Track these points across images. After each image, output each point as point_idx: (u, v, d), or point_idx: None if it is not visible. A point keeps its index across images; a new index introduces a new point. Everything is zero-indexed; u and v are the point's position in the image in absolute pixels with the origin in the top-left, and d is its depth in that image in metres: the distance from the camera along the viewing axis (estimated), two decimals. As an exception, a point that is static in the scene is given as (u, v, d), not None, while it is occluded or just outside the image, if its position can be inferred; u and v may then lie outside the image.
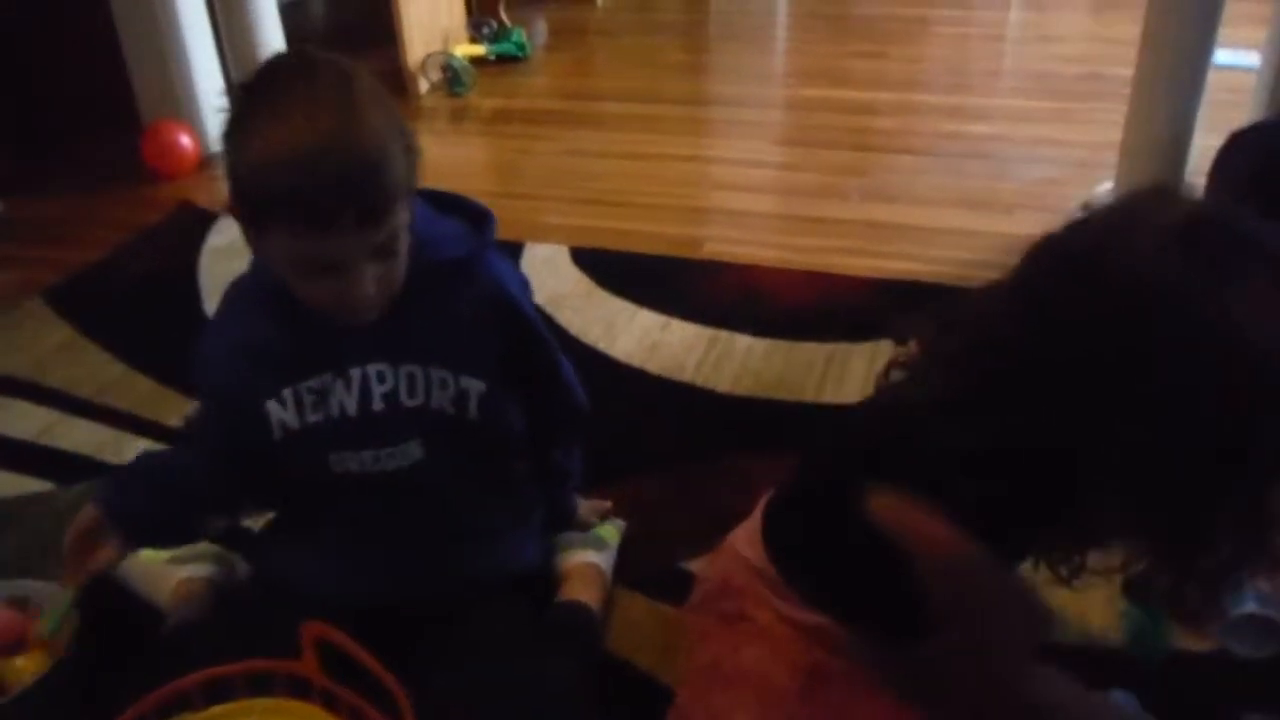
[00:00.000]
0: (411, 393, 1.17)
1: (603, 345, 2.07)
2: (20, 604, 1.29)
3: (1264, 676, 1.30)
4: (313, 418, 1.18)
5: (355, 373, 1.16)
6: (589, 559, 1.44)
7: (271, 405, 1.17)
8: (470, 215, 1.22)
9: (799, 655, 1.04)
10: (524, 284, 1.28)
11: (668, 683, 1.28)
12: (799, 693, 1.02)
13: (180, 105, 3.05)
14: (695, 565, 1.40)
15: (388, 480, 1.20)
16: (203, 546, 1.47)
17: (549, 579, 1.41)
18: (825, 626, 1.03)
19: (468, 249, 1.18)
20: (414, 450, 1.20)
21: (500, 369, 1.21)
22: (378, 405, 1.17)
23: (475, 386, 1.19)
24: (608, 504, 1.55)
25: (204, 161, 3.06)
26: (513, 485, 1.35)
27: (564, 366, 1.34)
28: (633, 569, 1.48)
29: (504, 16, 4.08)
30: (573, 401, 1.37)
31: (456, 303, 1.17)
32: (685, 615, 1.21)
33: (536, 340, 1.27)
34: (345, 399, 1.17)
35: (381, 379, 1.17)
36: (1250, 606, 1.31)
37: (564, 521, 1.47)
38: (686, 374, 1.96)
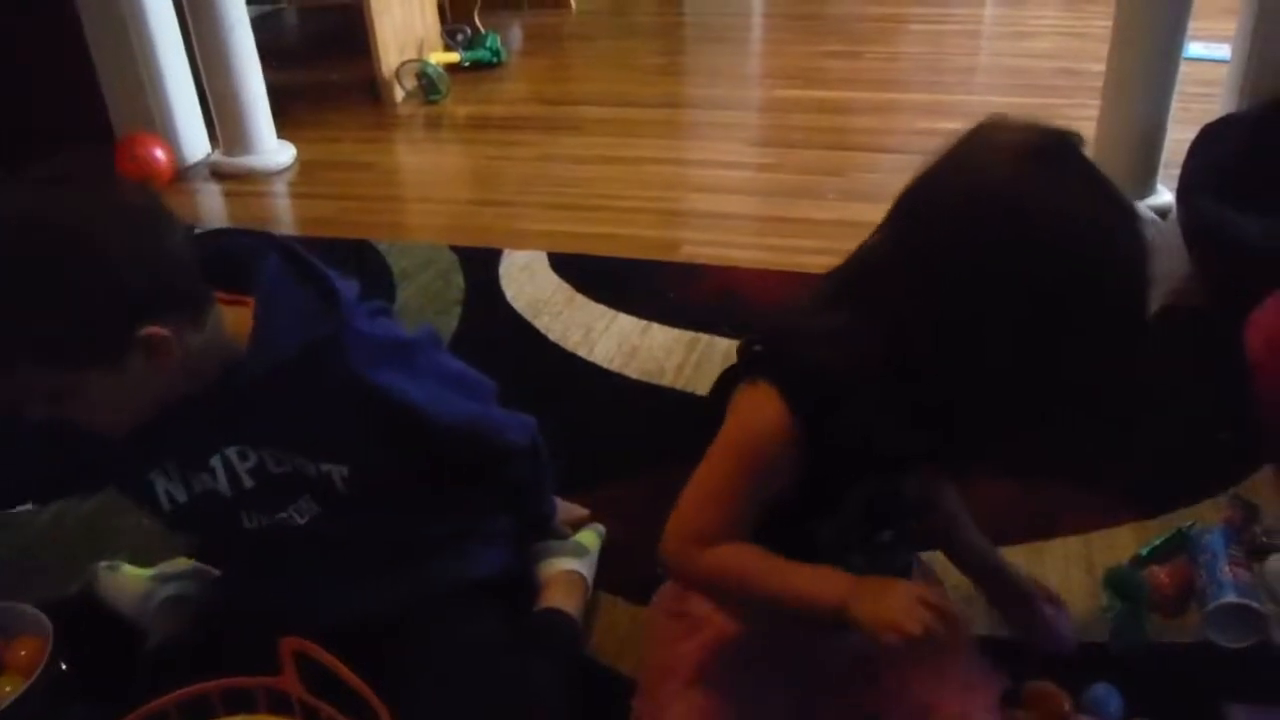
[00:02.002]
0: (278, 463, 1.15)
1: (582, 350, 2.07)
2: (-4, 626, 1.28)
3: (1245, 667, 1.30)
4: (200, 488, 1.16)
5: (215, 460, 1.14)
6: (569, 566, 1.43)
7: (155, 475, 1.16)
8: (322, 291, 1.12)
9: (730, 643, 1.10)
10: (399, 350, 1.17)
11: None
12: (728, 679, 1.08)
13: (153, 118, 3.04)
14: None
15: (300, 530, 1.19)
16: (184, 563, 1.46)
17: (529, 587, 1.41)
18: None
19: (309, 335, 1.09)
20: (309, 505, 1.18)
21: (369, 450, 1.15)
22: (248, 483, 1.15)
23: (337, 470, 1.15)
24: (584, 512, 1.55)
25: (178, 174, 3.06)
26: (455, 504, 1.30)
27: (465, 421, 1.23)
28: (614, 574, 1.48)
29: (478, 23, 4.07)
30: (492, 446, 1.28)
31: (307, 393, 1.10)
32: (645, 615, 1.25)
33: (411, 415, 1.15)
34: (214, 484, 1.15)
35: (244, 457, 1.14)
36: (1231, 596, 1.32)
37: (539, 528, 1.46)
38: (666, 378, 1.96)
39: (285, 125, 3.23)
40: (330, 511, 1.18)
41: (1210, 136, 2.26)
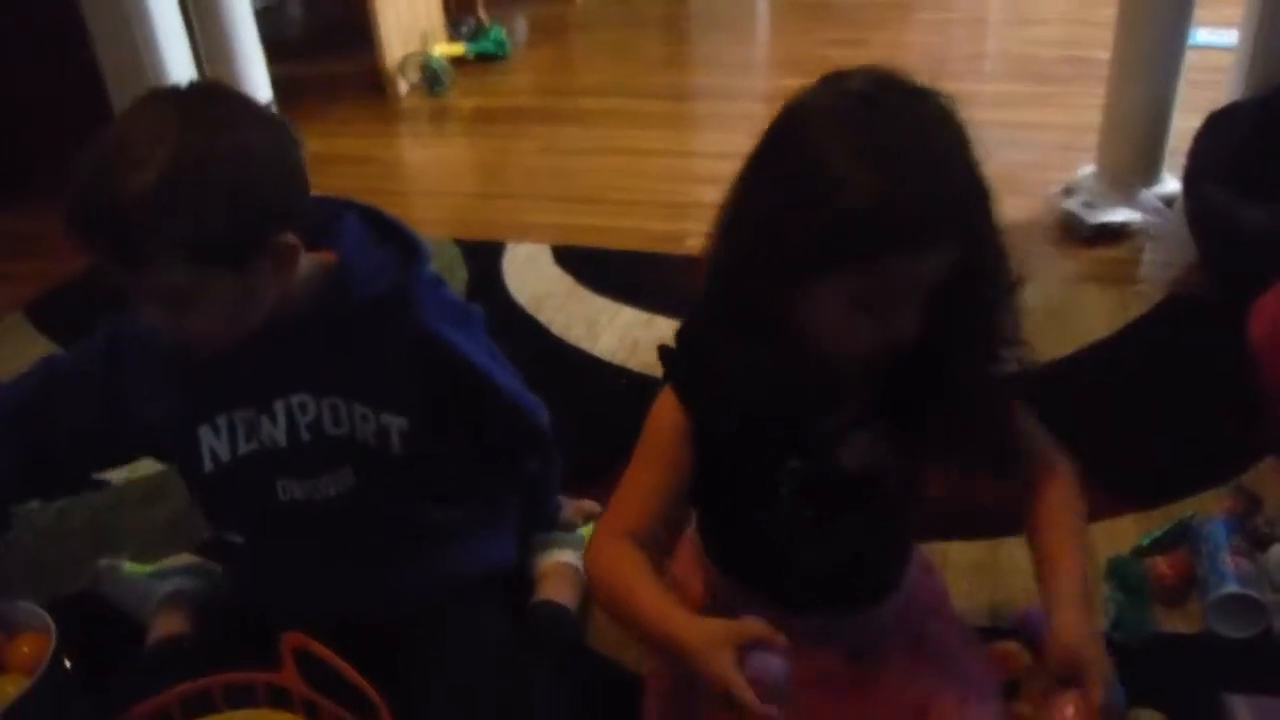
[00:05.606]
0: (336, 422, 1.16)
1: (585, 344, 2.07)
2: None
3: (1247, 657, 1.30)
4: (245, 448, 1.17)
5: (279, 405, 1.15)
6: (564, 559, 1.43)
7: (204, 431, 1.17)
8: (403, 246, 1.19)
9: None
10: (463, 315, 1.24)
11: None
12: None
13: (158, 113, 3.03)
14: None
15: (331, 505, 1.20)
16: (186, 560, 1.47)
17: (525, 579, 1.41)
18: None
19: (392, 286, 1.15)
20: (347, 477, 1.19)
21: (429, 405, 1.18)
22: (305, 436, 1.17)
23: (397, 423, 1.17)
24: (595, 506, 1.54)
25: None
26: (474, 490, 1.33)
27: (513, 393, 1.29)
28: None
29: (483, 14, 4.06)
30: (528, 425, 1.33)
31: (380, 340, 1.15)
32: None
33: (473, 376, 1.22)
34: (273, 431, 1.16)
35: (304, 409, 1.16)
36: (1233, 587, 1.32)
37: (547, 525, 1.47)
38: (669, 370, 1.95)
39: (288, 118, 3.21)
40: (366, 484, 1.20)
41: (1217, 124, 2.25)
